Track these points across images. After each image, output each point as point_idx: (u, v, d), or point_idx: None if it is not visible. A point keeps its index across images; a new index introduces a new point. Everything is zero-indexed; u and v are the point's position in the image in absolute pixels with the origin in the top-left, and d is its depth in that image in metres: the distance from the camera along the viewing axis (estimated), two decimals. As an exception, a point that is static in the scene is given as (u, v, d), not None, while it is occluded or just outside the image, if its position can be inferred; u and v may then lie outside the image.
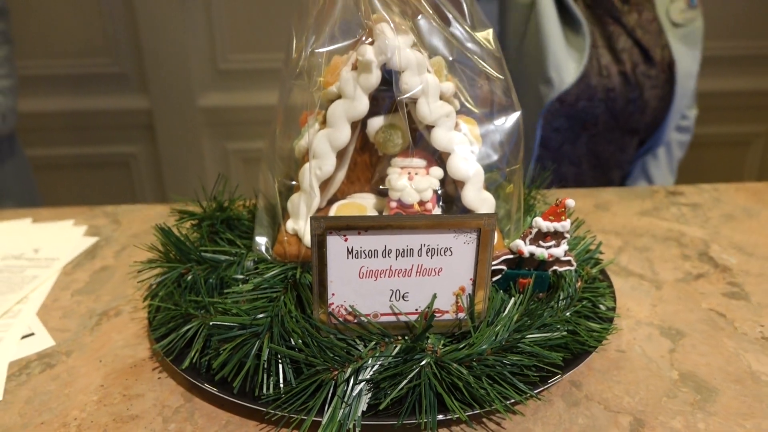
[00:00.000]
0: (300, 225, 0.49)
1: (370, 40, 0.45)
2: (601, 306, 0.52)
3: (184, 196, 0.64)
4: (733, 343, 0.52)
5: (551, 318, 0.47)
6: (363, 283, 0.42)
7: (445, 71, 0.49)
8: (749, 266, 0.66)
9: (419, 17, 0.46)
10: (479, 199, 0.49)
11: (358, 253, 0.41)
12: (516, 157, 0.51)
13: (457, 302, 0.43)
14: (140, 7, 2.12)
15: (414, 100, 0.46)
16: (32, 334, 0.56)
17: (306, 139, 0.49)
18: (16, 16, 1.58)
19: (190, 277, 0.51)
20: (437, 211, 0.50)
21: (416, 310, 0.43)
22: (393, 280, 0.42)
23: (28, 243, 0.75)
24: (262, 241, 0.52)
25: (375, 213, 0.51)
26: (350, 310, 0.43)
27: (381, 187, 0.51)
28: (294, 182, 0.51)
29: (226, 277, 0.51)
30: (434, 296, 0.43)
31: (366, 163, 0.52)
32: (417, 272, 0.42)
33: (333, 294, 0.42)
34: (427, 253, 0.41)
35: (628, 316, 0.56)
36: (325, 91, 0.48)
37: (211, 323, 0.44)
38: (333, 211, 0.50)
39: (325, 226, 0.39)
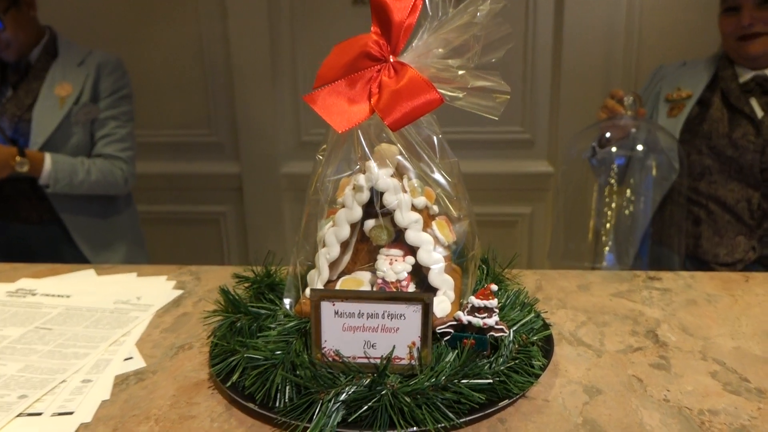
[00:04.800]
0: (314, 292, 0.71)
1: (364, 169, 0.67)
2: (536, 365, 0.69)
3: (245, 262, 0.87)
4: (637, 401, 0.67)
5: (488, 369, 0.65)
6: (345, 334, 0.62)
7: (419, 190, 0.70)
8: (684, 344, 0.80)
9: (397, 156, 0.68)
10: (440, 280, 0.69)
11: (342, 314, 0.61)
12: (469, 251, 0.71)
13: (410, 352, 0.63)
14: (238, 88, 2.48)
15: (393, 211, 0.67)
16: (131, 357, 0.80)
17: (323, 231, 0.71)
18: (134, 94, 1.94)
19: (239, 324, 0.73)
20: (412, 286, 0.70)
21: (382, 356, 0.63)
22: (365, 334, 0.62)
23: (133, 292, 1.00)
24: (287, 301, 0.73)
25: (369, 286, 0.72)
26: (336, 352, 0.63)
27: (375, 268, 0.71)
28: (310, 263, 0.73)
29: (263, 326, 0.73)
30: (393, 347, 0.62)
31: (365, 250, 0.73)
32: (381, 329, 0.62)
33: (326, 341, 0.63)
34: (388, 316, 0.61)
35: (564, 375, 0.73)
36: (337, 200, 0.71)
37: (245, 356, 0.65)
38: (339, 283, 0.71)
39: (319, 295, 0.60)
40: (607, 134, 1.68)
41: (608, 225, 1.82)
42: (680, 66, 1.75)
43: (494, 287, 0.63)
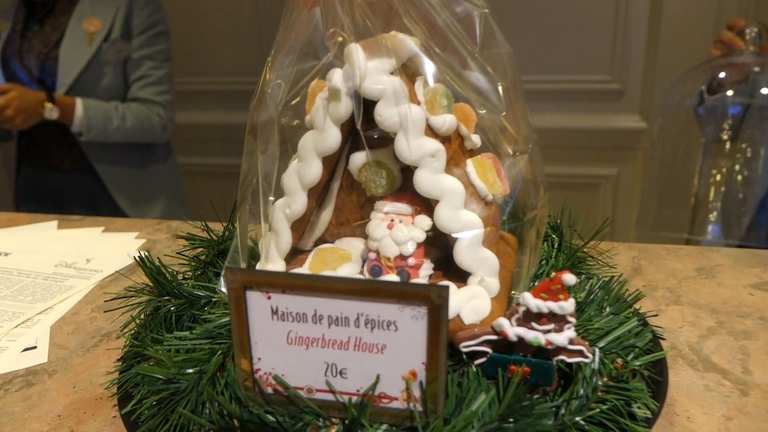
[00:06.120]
0: (269, 268, 0.44)
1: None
2: (638, 414, 0.40)
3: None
4: (829, 494, 0.37)
5: (552, 422, 0.36)
6: (292, 350, 0.35)
7: (444, 103, 0.40)
8: None
9: (411, 44, 0.39)
10: (475, 260, 0.40)
11: (284, 314, 0.34)
12: (529, 210, 0.41)
13: (407, 388, 0.35)
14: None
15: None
16: (34, 347, 0.56)
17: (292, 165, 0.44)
18: (182, 39, 1.72)
19: (162, 312, 0.48)
20: (427, 266, 0.42)
21: (357, 390, 0.35)
22: (327, 352, 0.35)
23: (86, 252, 0.77)
24: (224, 283, 0.47)
25: (359, 264, 0.44)
26: (278, 380, 0.36)
27: (367, 234, 0.43)
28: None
29: (198, 316, 0.47)
30: (377, 377, 0.35)
31: (354, 203, 0.45)
32: (355, 346, 0.34)
33: (259, 359, 0.36)
34: (366, 324, 0.33)
35: (686, 427, 0.43)
36: (306, 117, 0.43)
37: (135, 372, 0.39)
38: (310, 257, 0.44)
39: (241, 280, 0.33)
40: (721, 75, 1.33)
41: (715, 189, 1.49)
42: None
43: (569, 278, 0.34)
